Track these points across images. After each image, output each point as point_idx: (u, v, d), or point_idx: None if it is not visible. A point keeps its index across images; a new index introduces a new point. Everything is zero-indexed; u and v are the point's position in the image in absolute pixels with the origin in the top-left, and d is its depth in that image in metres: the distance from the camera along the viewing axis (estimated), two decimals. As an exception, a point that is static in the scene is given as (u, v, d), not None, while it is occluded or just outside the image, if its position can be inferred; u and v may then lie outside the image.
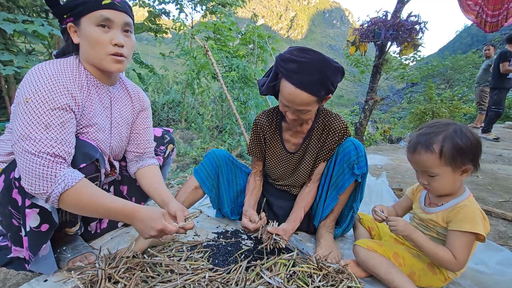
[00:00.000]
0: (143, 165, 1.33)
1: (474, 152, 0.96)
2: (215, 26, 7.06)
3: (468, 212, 0.98)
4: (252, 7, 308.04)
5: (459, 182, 1.02)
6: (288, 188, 1.53)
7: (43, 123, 0.91)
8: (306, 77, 1.08)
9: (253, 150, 1.49)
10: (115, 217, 1.00)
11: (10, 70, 4.24)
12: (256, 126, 1.45)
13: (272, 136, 1.44)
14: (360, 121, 5.25)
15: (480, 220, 0.97)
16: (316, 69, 1.08)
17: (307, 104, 1.14)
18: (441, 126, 0.99)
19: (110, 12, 1.00)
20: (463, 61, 20.35)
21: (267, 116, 1.44)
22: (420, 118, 9.61)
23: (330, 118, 1.35)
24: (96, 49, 1.01)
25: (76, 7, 1.00)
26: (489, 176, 2.89)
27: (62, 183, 0.89)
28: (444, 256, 0.98)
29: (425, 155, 0.98)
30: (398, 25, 4.27)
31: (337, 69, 1.13)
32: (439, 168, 0.98)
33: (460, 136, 0.95)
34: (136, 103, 1.31)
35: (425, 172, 1.02)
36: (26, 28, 4.23)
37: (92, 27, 1.00)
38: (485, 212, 1.87)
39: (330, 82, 1.12)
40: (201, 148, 6.15)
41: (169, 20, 10.20)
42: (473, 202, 1.02)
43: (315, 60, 1.09)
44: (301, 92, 1.10)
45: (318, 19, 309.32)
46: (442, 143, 0.95)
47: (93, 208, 0.95)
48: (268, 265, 1.08)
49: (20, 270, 1.11)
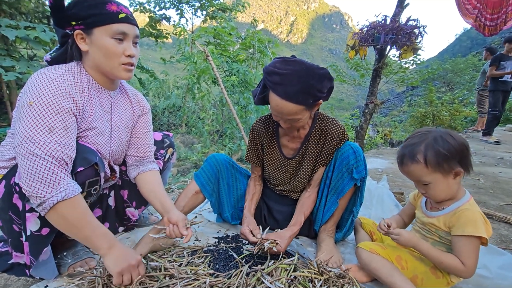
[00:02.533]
0: (143, 170, 1.33)
1: (460, 155, 0.97)
2: (215, 31, 7.11)
3: (469, 215, 0.98)
4: (252, 12, 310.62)
5: (455, 185, 1.02)
6: (288, 193, 1.53)
7: (47, 126, 0.92)
8: (290, 88, 1.09)
9: (251, 156, 1.51)
10: (97, 238, 0.98)
11: (12, 76, 4.27)
12: (253, 133, 1.47)
13: (270, 142, 1.45)
14: (360, 124, 5.25)
15: (481, 223, 0.97)
16: (298, 79, 1.09)
17: (295, 113, 1.15)
18: (422, 135, 1.01)
19: (125, 26, 1.05)
20: (463, 64, 20.39)
21: (263, 123, 1.45)
22: (421, 121, 9.59)
23: (327, 123, 1.36)
24: (111, 59, 1.06)
25: (89, 17, 1.02)
26: (490, 180, 2.88)
27: (63, 191, 0.90)
28: (451, 264, 0.98)
29: (412, 166, 1.00)
30: (397, 29, 4.29)
31: (322, 75, 1.13)
32: (429, 176, 0.99)
33: (440, 142, 0.97)
34: (136, 108, 1.32)
35: (418, 181, 1.04)
36: (28, 34, 4.27)
37: (107, 39, 1.04)
38: (486, 215, 1.87)
39: (316, 89, 1.12)
40: (202, 152, 6.15)
41: (169, 25, 10.28)
42: (473, 205, 1.02)
43: (297, 70, 1.10)
44: (287, 103, 1.12)
45: (318, 24, 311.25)
46: (424, 152, 0.97)
47: (82, 223, 0.95)
48: (269, 270, 1.08)
49: (21, 276, 1.11)
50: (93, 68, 1.10)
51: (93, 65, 1.10)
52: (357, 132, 5.33)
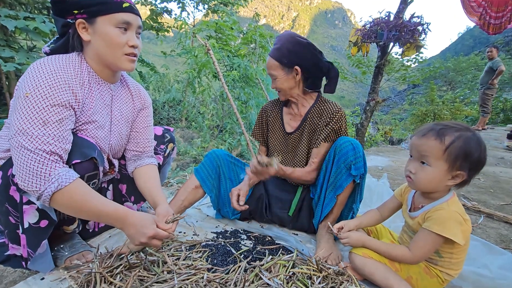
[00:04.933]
0: (141, 164, 1.32)
1: (475, 166, 0.95)
2: (217, 25, 7.05)
3: (442, 215, 0.97)
4: (254, 7, 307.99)
5: (444, 185, 0.99)
6: None
7: (41, 119, 0.90)
8: (275, 46, 1.37)
9: (256, 133, 1.64)
10: (106, 220, 0.99)
11: (11, 67, 4.23)
12: (262, 111, 1.63)
13: (274, 119, 1.57)
14: (361, 122, 5.24)
15: (454, 224, 0.95)
16: (279, 41, 1.36)
17: (271, 68, 1.37)
18: (463, 127, 0.97)
19: (129, 15, 1.04)
20: (465, 63, 20.26)
21: (272, 103, 1.62)
22: (422, 119, 9.58)
23: (325, 103, 1.44)
24: (114, 49, 1.04)
25: (92, 5, 1.00)
26: (490, 179, 2.88)
27: (55, 182, 0.88)
28: (398, 253, 1.03)
29: (433, 142, 0.95)
30: (400, 26, 4.25)
31: (300, 43, 1.34)
32: (437, 160, 0.95)
33: (474, 143, 0.93)
34: (137, 101, 1.30)
35: (421, 158, 0.99)
36: (28, 25, 4.22)
37: (111, 28, 1.02)
38: (486, 215, 1.88)
39: (291, 52, 1.32)
40: (201, 147, 6.14)
41: (170, 19, 10.19)
42: (451, 205, 0.99)
43: (284, 35, 1.38)
44: (269, 58, 1.38)
45: (320, 20, 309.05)
46: (455, 139, 0.93)
47: (84, 209, 0.94)
48: (267, 266, 1.07)
49: (17, 267, 1.10)
50: (95, 59, 1.08)
51: (95, 56, 1.07)
52: (357, 129, 5.31)
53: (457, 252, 1.01)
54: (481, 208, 1.98)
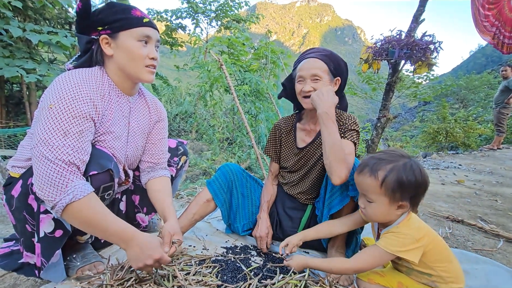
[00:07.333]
0: (154, 176, 1.33)
1: (415, 191, 0.96)
2: (229, 41, 7.24)
3: (391, 236, 0.99)
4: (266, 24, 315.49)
5: (394, 215, 1.01)
6: (299, 196, 1.51)
7: (62, 130, 0.93)
8: (321, 52, 1.38)
9: (269, 149, 1.60)
10: (112, 238, 0.97)
11: (32, 78, 4.42)
12: (275, 128, 1.60)
13: (288, 135, 1.55)
14: (372, 138, 5.18)
15: (403, 243, 0.96)
16: (323, 49, 1.41)
17: (320, 68, 1.32)
18: (395, 156, 0.99)
19: (149, 29, 1.10)
20: (477, 81, 20.00)
21: (285, 120, 1.60)
22: (434, 137, 9.40)
23: (341, 115, 1.40)
24: (136, 61, 1.10)
25: (116, 22, 1.06)
26: (508, 201, 2.77)
27: (71, 194, 0.90)
28: (339, 266, 1.04)
29: (368, 179, 0.98)
30: (412, 44, 4.26)
31: (341, 59, 1.39)
32: (377, 196, 0.98)
33: (407, 171, 0.94)
34: (154, 114, 1.33)
35: (364, 196, 1.03)
36: (51, 39, 4.43)
37: (133, 41, 1.08)
38: (506, 239, 1.80)
39: (337, 62, 1.36)
40: (211, 159, 6.17)
41: (184, 34, 10.52)
42: (401, 227, 0.99)
43: (323, 48, 1.44)
44: (318, 60, 1.33)
45: (330, 36, 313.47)
46: (387, 173, 0.95)
47: (93, 224, 0.94)
48: (279, 286, 1.05)
49: (30, 276, 1.11)
50: (116, 72, 1.13)
51: (116, 70, 1.12)
52: (368, 145, 5.25)
53: (443, 268, 0.99)
54: (500, 231, 1.91)
